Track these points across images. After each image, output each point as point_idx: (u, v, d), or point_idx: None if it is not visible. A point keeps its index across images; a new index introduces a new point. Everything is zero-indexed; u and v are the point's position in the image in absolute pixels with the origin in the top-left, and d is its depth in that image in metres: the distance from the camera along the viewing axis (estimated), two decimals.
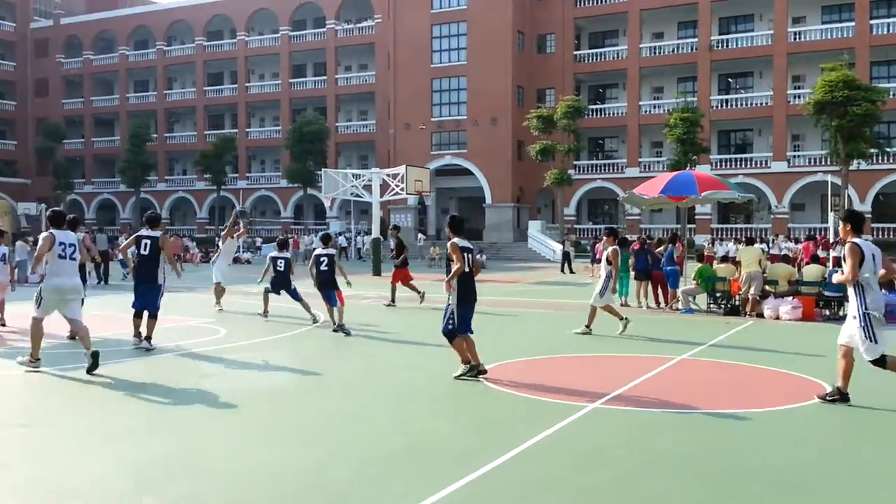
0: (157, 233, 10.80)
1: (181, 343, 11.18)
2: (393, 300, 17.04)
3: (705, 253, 30.29)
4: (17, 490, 4.89)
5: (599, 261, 14.10)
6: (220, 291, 15.69)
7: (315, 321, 13.57)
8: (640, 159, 47.37)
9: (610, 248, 12.70)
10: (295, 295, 13.83)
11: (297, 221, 55.03)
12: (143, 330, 10.59)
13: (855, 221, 7.24)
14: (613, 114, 48.95)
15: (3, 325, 13.32)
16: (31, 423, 6.53)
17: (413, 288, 16.90)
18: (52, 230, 8.96)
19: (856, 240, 7.13)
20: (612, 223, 45.24)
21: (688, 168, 30.11)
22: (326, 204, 42.28)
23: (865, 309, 6.97)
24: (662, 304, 17.10)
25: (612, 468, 5.40)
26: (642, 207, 35.18)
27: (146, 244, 10.55)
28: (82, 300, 9.38)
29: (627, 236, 22.93)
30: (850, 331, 7.15)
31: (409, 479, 5.12)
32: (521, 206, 48.91)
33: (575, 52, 48.99)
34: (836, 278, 7.44)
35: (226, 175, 53.97)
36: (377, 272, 28.78)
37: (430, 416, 7.02)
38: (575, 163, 47.13)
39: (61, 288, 8.82)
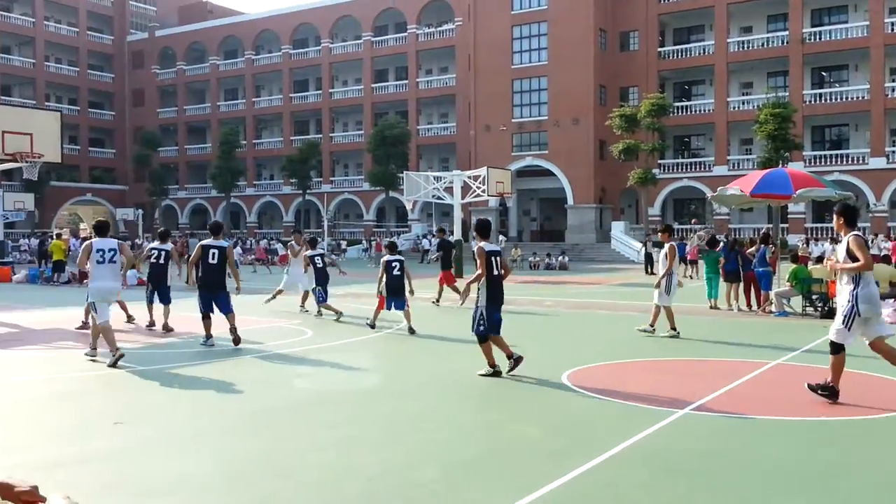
0: (224, 242, 11.47)
1: (270, 344, 11.45)
2: (438, 299, 17.49)
3: (799, 253, 29.06)
4: (109, 486, 5.03)
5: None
6: (304, 295, 16.09)
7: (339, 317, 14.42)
8: (728, 157, 45.92)
9: (667, 245, 12.47)
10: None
11: (380, 224, 55.77)
12: (208, 330, 11.16)
13: (849, 215, 7.34)
14: (700, 111, 47.61)
15: (131, 321, 13.80)
16: (126, 421, 6.77)
17: (456, 290, 16.97)
18: (93, 239, 9.95)
19: (857, 232, 7.25)
20: (700, 223, 43.97)
21: (780, 165, 29.00)
22: (408, 206, 42.70)
23: (856, 301, 6.99)
24: (754, 307, 16.49)
25: (706, 476, 5.20)
26: (731, 206, 34.07)
27: (214, 253, 11.18)
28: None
29: (717, 236, 22.25)
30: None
31: (499, 481, 5.07)
32: (604, 207, 48.14)
33: (659, 49, 47.91)
34: (832, 266, 7.51)
35: (311, 179, 55.18)
36: (459, 274, 28.84)
37: (513, 419, 6.95)
38: (660, 162, 46.08)
39: (101, 289, 9.75)
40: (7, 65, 60.54)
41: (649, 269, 30.62)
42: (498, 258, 8.81)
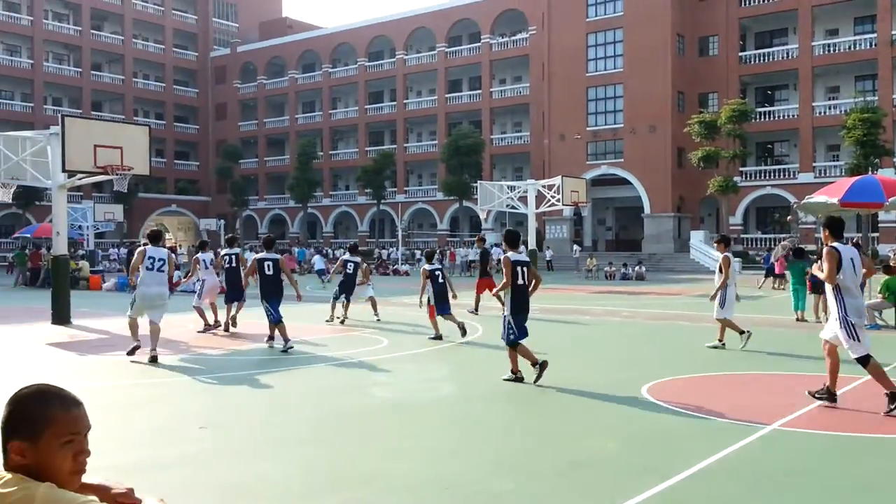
0: (277, 255, 12.41)
1: (346, 352, 11.57)
2: (476, 309, 17.28)
3: (891, 264, 27.69)
4: (189, 490, 5.14)
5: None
6: (374, 303, 16.26)
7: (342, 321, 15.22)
8: (814, 164, 44.24)
9: (721, 256, 12.24)
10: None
11: (453, 234, 55.93)
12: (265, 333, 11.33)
13: (833, 227, 7.57)
14: (783, 116, 46.04)
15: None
16: (209, 426, 6.92)
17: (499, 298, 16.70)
18: (147, 246, 10.68)
19: (835, 244, 7.40)
20: (783, 232, 42.46)
21: (869, 172, 27.76)
22: (482, 216, 42.67)
23: (845, 314, 7.23)
24: None
25: (794, 494, 4.96)
26: (818, 215, 32.76)
27: (269, 265, 11.96)
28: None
29: (802, 246, 21.42)
30: (833, 329, 7.41)
31: (577, 495, 4.96)
32: (683, 216, 47.03)
33: (740, 54, 46.63)
34: (815, 271, 7.93)
35: (385, 189, 55.83)
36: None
37: (591, 432, 6.80)
38: (741, 169, 44.74)
39: (147, 294, 10.45)
40: (98, 81, 63.50)
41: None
42: (525, 268, 9.00)
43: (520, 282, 8.92)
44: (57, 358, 11.48)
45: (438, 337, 12.82)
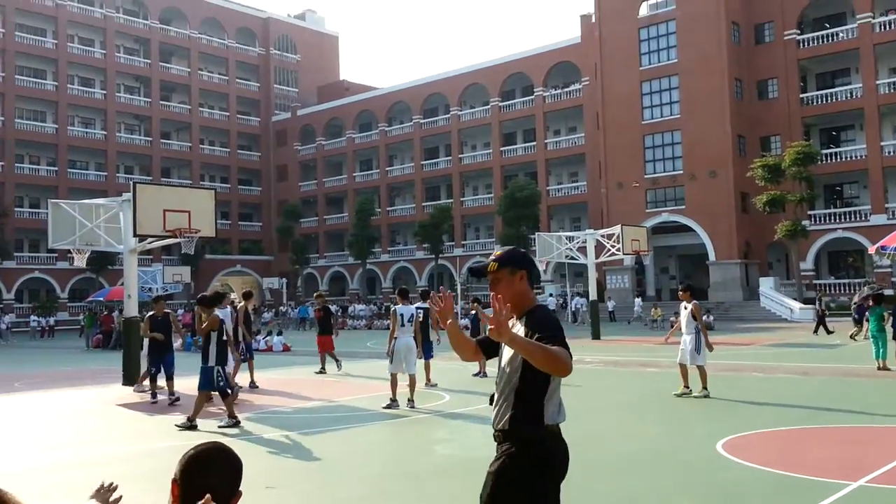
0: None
1: (409, 408, 11.44)
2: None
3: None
4: None
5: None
6: (427, 366, 16.12)
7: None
8: (886, 205, 42.69)
9: (691, 305, 12.24)
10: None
11: None
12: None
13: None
14: (851, 157, 44.76)
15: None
16: (278, 485, 6.86)
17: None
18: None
19: None
20: (859, 276, 40.95)
21: None
22: (541, 267, 42.35)
23: None
24: None
25: None
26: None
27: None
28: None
29: (883, 291, 20.52)
30: None
31: None
32: (750, 263, 45.80)
33: (801, 95, 45.82)
34: None
35: (443, 243, 56.08)
36: (596, 336, 28.14)
37: (663, 490, 6.48)
38: (809, 212, 43.48)
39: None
40: (167, 149, 66.14)
41: (819, 330, 27.49)
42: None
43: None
44: (125, 418, 11.65)
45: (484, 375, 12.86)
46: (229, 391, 10.61)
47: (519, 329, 3.10)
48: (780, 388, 13.35)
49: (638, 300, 42.48)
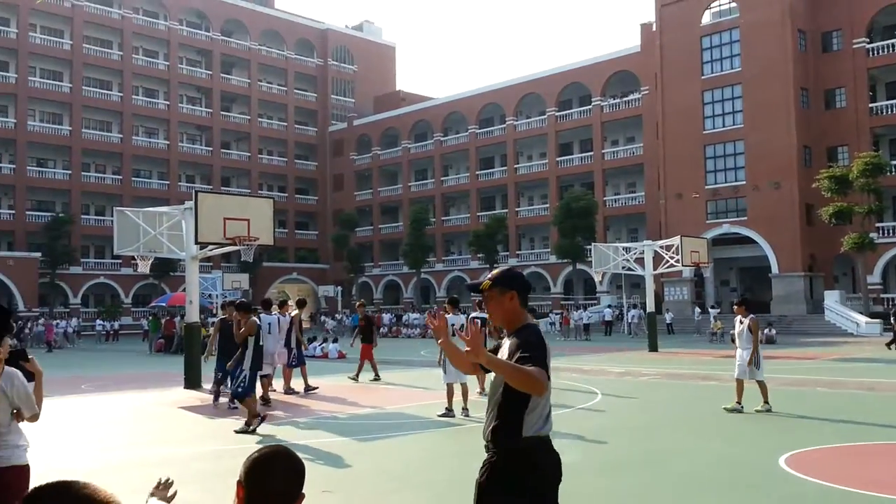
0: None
1: (470, 415, 11.35)
2: None
3: None
4: None
5: None
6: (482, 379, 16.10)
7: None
8: None
9: (748, 319, 11.98)
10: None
11: (567, 297, 55.06)
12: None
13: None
14: None
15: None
16: (333, 489, 6.84)
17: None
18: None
19: None
20: None
21: None
22: (597, 279, 41.86)
23: None
24: None
25: None
26: None
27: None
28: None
29: None
30: None
31: None
32: (814, 276, 44.44)
33: (871, 105, 44.37)
34: None
35: (497, 253, 55.88)
36: (653, 348, 27.62)
37: None
38: (878, 225, 41.99)
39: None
40: (227, 159, 67.62)
41: (893, 346, 26.17)
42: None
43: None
44: (187, 421, 11.83)
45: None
46: (247, 397, 10.64)
47: (506, 344, 3.34)
48: (846, 403, 12.84)
49: (698, 310, 41.64)
